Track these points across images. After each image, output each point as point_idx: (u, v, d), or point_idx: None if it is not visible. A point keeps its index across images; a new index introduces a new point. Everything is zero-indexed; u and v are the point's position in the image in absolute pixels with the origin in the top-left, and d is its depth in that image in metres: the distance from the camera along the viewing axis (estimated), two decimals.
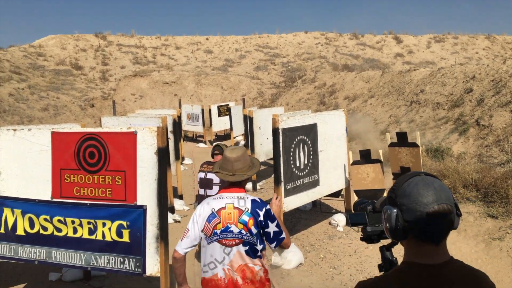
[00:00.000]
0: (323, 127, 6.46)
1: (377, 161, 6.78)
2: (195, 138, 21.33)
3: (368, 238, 1.79)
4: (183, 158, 14.51)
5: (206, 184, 5.21)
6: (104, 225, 3.77)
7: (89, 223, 3.81)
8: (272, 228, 2.69)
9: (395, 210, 1.35)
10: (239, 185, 2.76)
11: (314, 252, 5.86)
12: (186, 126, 20.23)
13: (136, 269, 3.59)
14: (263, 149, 10.42)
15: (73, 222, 3.86)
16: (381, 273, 1.59)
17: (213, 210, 2.67)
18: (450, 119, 10.78)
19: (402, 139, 6.40)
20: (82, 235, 3.83)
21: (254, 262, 2.69)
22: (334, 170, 6.76)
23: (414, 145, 6.26)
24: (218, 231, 2.64)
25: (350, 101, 19.21)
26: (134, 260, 3.60)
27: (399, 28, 62.97)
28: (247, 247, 2.65)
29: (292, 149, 5.88)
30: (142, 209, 3.64)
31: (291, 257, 5.33)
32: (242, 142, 16.19)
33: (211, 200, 2.74)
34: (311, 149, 6.23)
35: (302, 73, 25.63)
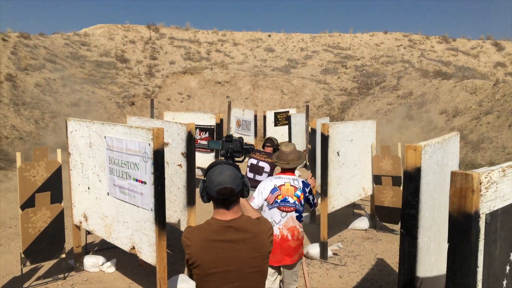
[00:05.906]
0: None
1: None
2: None
3: (224, 155, 3.10)
4: None
5: (256, 170, 5.80)
6: None
7: None
8: (311, 197, 3.88)
9: (203, 184, 2.16)
10: (291, 170, 3.93)
11: None
12: (235, 134, 16.53)
13: None
14: (343, 191, 6.27)
15: None
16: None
17: (275, 185, 3.78)
18: None
19: None
20: None
21: (299, 225, 3.83)
22: None
23: None
24: (279, 201, 3.75)
25: (449, 116, 14.49)
26: None
27: (499, 33, 55.19)
28: (297, 214, 3.79)
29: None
30: None
31: None
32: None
33: (273, 179, 3.85)
34: None
35: (380, 78, 21.06)
